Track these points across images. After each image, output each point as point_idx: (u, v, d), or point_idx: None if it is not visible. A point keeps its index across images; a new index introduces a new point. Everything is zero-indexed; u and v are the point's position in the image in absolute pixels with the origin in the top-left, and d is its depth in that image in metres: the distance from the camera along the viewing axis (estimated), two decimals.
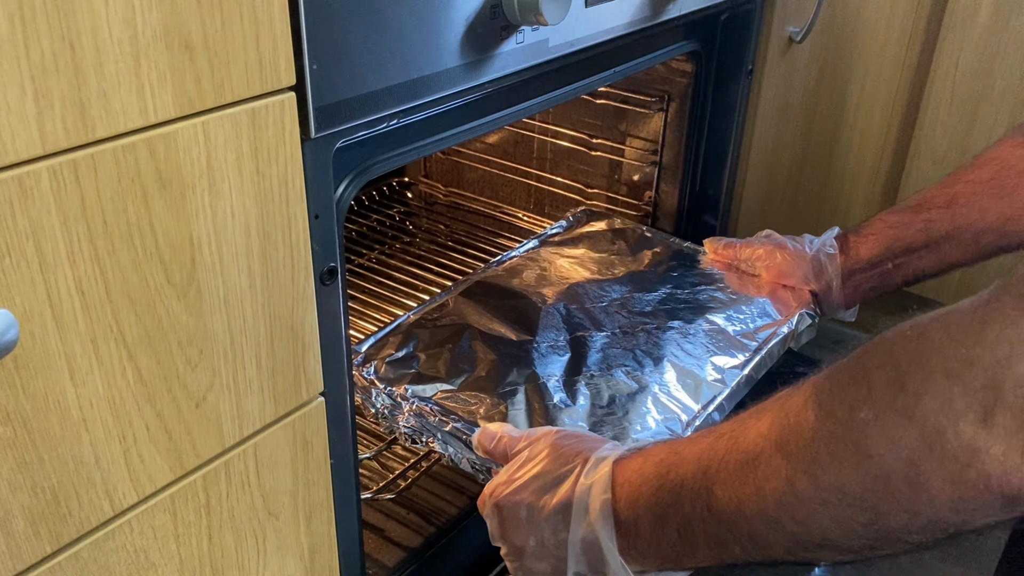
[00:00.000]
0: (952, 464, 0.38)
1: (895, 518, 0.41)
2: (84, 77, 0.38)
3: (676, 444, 0.55)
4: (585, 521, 0.55)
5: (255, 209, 0.47)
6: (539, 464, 0.60)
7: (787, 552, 0.47)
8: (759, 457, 0.47)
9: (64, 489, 0.44)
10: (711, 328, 0.85)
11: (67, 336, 0.41)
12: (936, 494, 0.39)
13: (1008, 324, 0.37)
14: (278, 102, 0.46)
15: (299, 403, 0.55)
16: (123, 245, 0.42)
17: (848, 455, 0.42)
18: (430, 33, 0.54)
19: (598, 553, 0.56)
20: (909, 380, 0.40)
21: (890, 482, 0.40)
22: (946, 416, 0.38)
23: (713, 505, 0.49)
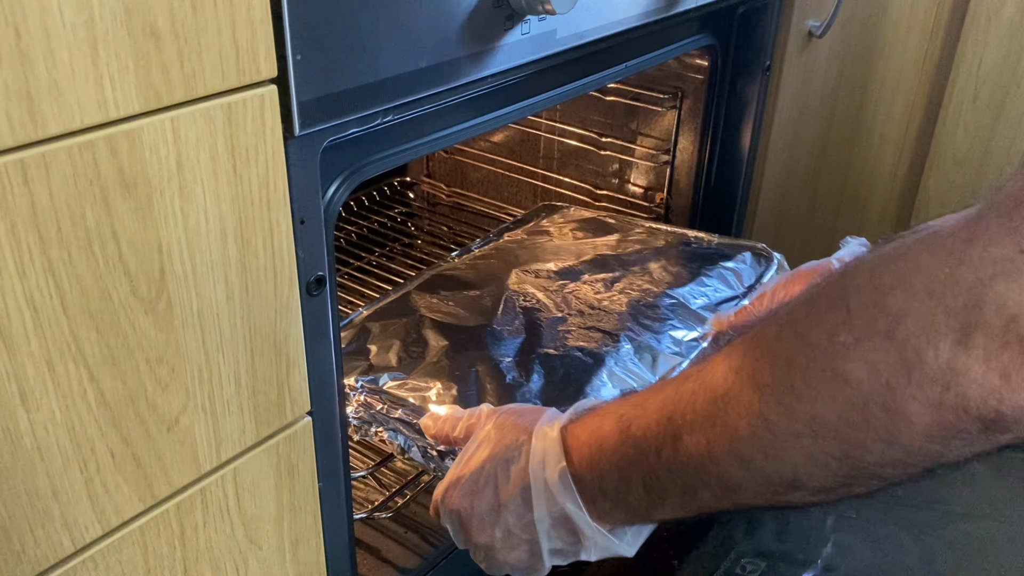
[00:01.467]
0: (931, 387, 0.37)
1: (871, 449, 0.40)
2: (32, 66, 0.34)
3: (636, 396, 0.52)
4: (547, 496, 0.53)
5: (232, 214, 0.43)
6: (485, 450, 0.57)
7: (757, 495, 0.45)
8: (729, 393, 0.44)
9: (17, 524, 0.40)
10: (672, 303, 0.83)
11: (17, 356, 0.37)
12: (914, 420, 0.38)
13: (992, 242, 0.36)
14: (257, 96, 0.42)
15: (283, 424, 0.51)
16: (81, 254, 0.38)
17: (825, 383, 0.40)
18: (428, 22, 0.49)
19: (568, 524, 0.53)
20: (890, 301, 0.38)
21: (867, 409, 0.39)
22: (927, 337, 0.37)
23: (681, 451, 0.47)
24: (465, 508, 0.56)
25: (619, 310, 0.82)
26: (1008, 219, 0.36)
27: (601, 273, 0.88)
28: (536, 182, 1.16)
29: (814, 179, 1.12)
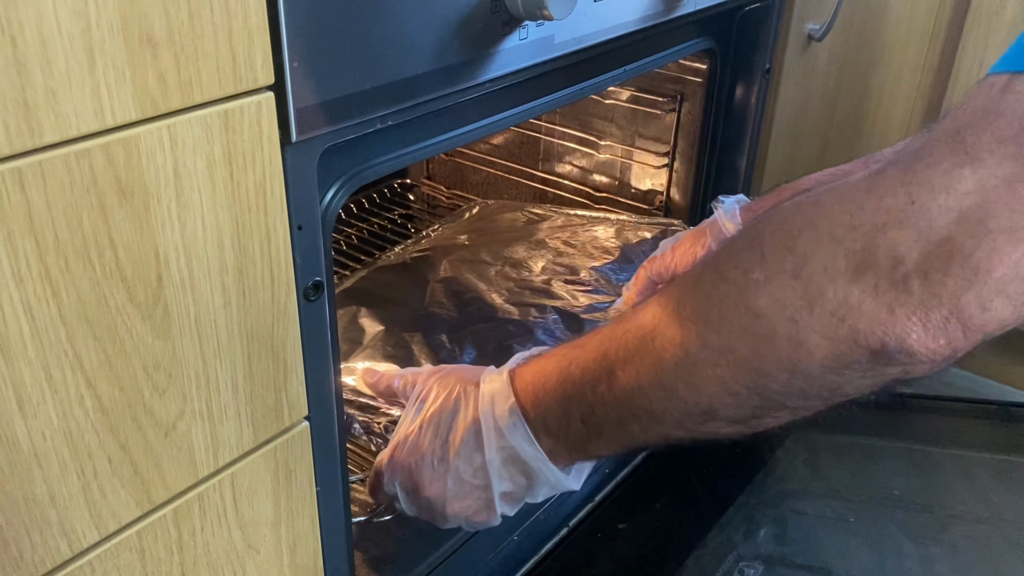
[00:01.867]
0: (828, 320, 0.41)
1: (776, 378, 0.44)
2: (29, 75, 0.34)
3: (579, 339, 0.55)
4: (497, 435, 0.55)
5: (229, 221, 0.43)
6: (431, 405, 0.59)
7: (679, 425, 0.49)
8: (656, 328, 0.48)
9: (14, 530, 0.40)
10: (598, 276, 0.89)
11: (14, 364, 0.37)
12: (813, 350, 0.42)
13: (888, 193, 0.40)
14: (254, 103, 0.42)
15: (280, 429, 0.51)
16: (78, 262, 0.38)
17: (737, 315, 0.44)
18: (425, 27, 0.49)
19: (518, 463, 0.56)
20: (799, 243, 0.42)
21: (774, 341, 0.43)
22: (827, 275, 0.41)
23: (614, 385, 0.50)
24: (414, 462, 0.58)
25: (547, 287, 0.88)
26: (903, 173, 0.40)
27: (531, 256, 0.95)
28: (535, 184, 1.16)
29: None
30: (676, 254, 0.76)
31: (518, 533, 0.86)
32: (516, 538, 0.86)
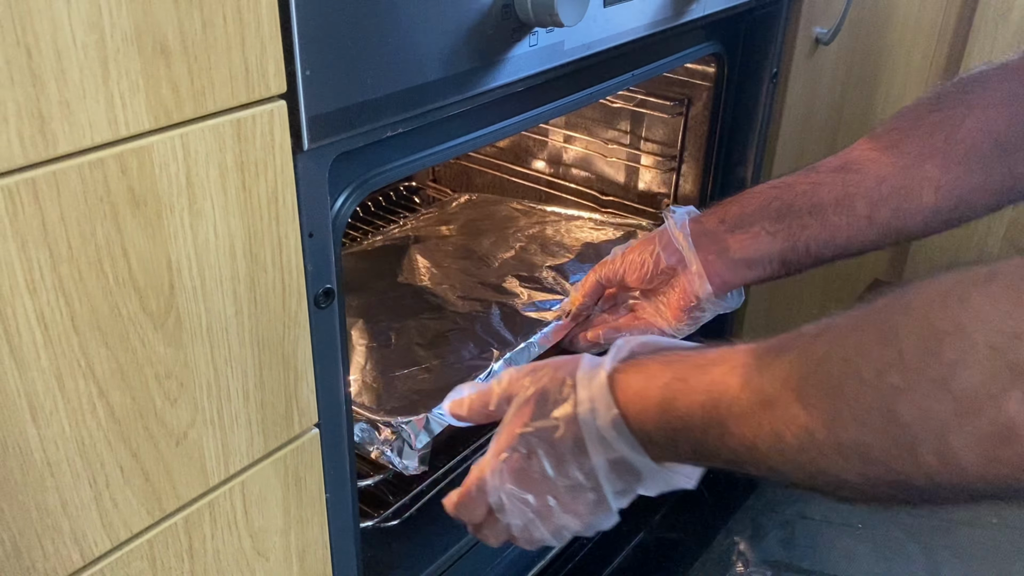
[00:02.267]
0: (987, 442, 0.36)
1: (919, 483, 0.39)
2: (43, 86, 0.34)
3: (680, 368, 0.51)
4: (601, 444, 0.52)
5: (241, 229, 0.43)
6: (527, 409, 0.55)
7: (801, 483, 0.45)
8: (776, 402, 0.44)
9: (26, 539, 0.40)
10: (554, 274, 0.91)
11: (27, 373, 0.37)
12: (967, 467, 0.37)
13: None
14: (267, 112, 0.42)
15: (291, 436, 0.51)
16: (91, 271, 0.38)
17: (873, 419, 0.39)
18: (436, 35, 0.49)
19: (625, 465, 0.52)
20: (946, 349, 0.37)
21: (917, 452, 0.38)
22: (986, 391, 0.35)
23: (727, 437, 0.47)
24: (521, 469, 0.54)
25: (499, 283, 0.91)
26: None
27: (495, 251, 0.98)
28: (541, 187, 1.16)
29: None
30: (625, 261, 0.74)
31: None
32: None
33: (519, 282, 0.91)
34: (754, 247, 0.67)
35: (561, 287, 0.90)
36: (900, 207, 0.63)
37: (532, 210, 1.09)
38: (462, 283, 0.92)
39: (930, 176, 0.62)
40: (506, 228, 1.04)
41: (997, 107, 0.61)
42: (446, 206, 1.13)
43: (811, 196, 0.66)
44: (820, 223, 0.65)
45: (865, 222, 0.64)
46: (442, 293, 0.90)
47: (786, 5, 0.88)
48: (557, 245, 0.99)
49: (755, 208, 0.68)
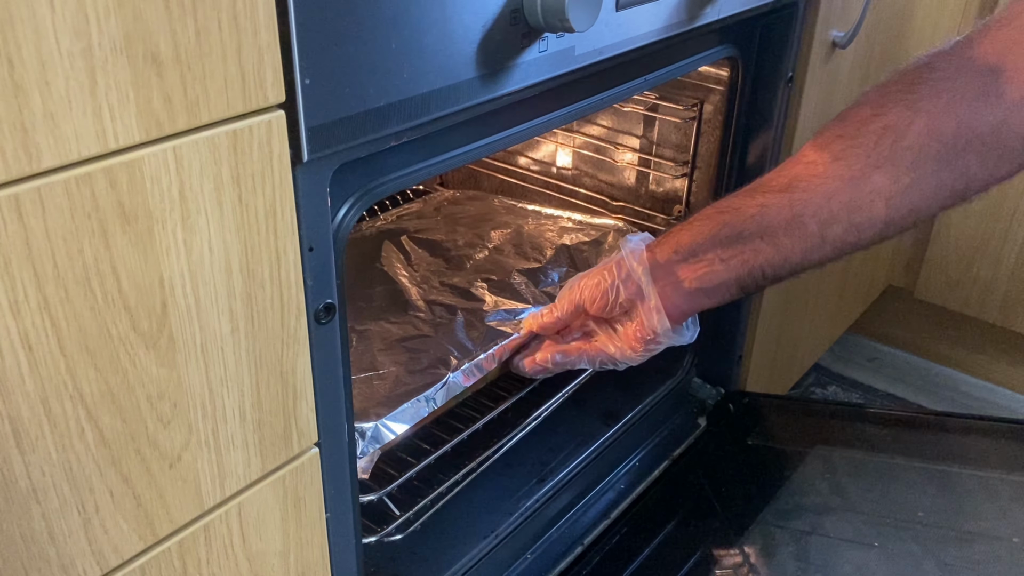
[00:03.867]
0: None
1: None
2: (26, 97, 0.32)
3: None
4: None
5: (237, 244, 0.41)
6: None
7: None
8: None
9: (12, 569, 0.38)
10: (523, 279, 0.92)
11: (11, 397, 0.35)
12: None
13: None
14: (264, 122, 0.40)
15: (289, 456, 0.49)
16: (79, 290, 0.36)
17: None
18: (442, 42, 0.47)
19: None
20: None
21: None
22: None
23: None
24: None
25: (467, 287, 0.91)
26: None
27: (469, 251, 0.98)
28: (551, 192, 1.14)
29: None
30: (583, 292, 0.74)
31: (532, 551, 0.84)
32: (529, 556, 0.84)
33: (487, 287, 0.90)
34: (710, 277, 0.68)
35: (532, 294, 0.89)
36: (852, 222, 0.62)
37: (513, 208, 1.08)
38: (430, 285, 0.91)
39: (879, 188, 0.60)
40: (484, 226, 1.04)
41: (944, 108, 0.59)
42: (429, 201, 1.13)
43: (760, 220, 0.65)
44: (773, 247, 0.65)
45: (817, 240, 0.63)
46: (409, 295, 0.89)
47: (802, 8, 0.85)
48: (532, 247, 0.98)
49: (706, 236, 0.67)
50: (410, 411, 0.71)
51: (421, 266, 0.95)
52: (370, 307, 0.87)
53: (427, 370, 0.76)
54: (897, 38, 1.07)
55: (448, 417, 0.85)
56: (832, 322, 1.28)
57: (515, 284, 0.91)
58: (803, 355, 1.24)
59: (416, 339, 0.81)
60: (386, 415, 0.69)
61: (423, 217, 1.07)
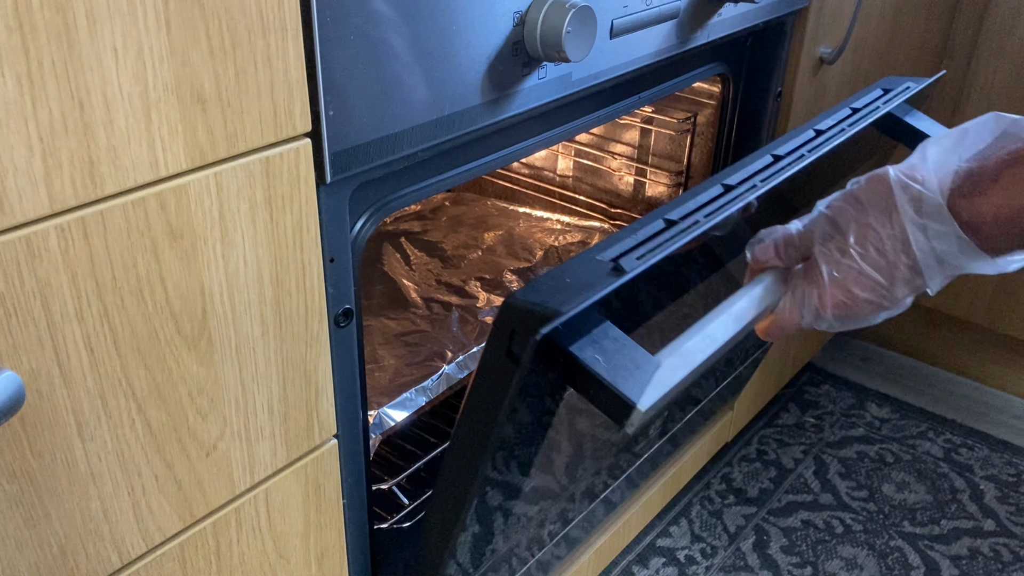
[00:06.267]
0: None
1: None
2: (93, 134, 0.37)
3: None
4: (941, 269, 0.54)
5: (268, 257, 0.47)
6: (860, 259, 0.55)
7: None
8: None
9: (71, 543, 0.43)
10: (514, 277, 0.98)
11: (75, 392, 0.41)
12: None
13: None
14: (293, 150, 0.45)
15: (311, 447, 0.54)
16: (132, 299, 0.41)
17: None
18: (451, 73, 0.53)
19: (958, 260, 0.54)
20: None
21: None
22: None
23: None
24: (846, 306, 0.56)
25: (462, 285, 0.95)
26: None
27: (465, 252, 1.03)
28: (553, 199, 1.19)
29: None
30: None
31: None
32: None
33: (481, 285, 0.96)
34: None
35: None
36: None
37: (505, 210, 1.15)
38: (428, 283, 0.97)
39: None
40: (478, 228, 1.10)
41: None
42: (427, 204, 1.19)
43: None
44: None
45: None
46: (408, 293, 0.95)
47: (790, 26, 0.90)
48: (523, 248, 1.04)
49: None
50: (409, 400, 0.77)
51: (419, 266, 1.01)
52: (371, 304, 0.93)
53: (424, 363, 0.82)
54: (884, 53, 1.11)
55: (452, 412, 0.90)
56: None
57: (507, 283, 0.97)
58: (795, 355, 1.29)
59: (414, 334, 0.87)
60: (387, 404, 0.75)
61: (422, 219, 1.13)
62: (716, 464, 1.26)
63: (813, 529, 1.15)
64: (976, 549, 1.13)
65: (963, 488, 1.23)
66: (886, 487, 1.23)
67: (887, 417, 1.37)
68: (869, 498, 1.21)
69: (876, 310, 0.57)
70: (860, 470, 1.26)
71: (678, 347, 0.49)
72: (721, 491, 1.22)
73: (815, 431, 1.33)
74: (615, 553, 1.02)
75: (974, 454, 1.30)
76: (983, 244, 0.54)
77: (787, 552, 1.12)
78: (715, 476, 1.24)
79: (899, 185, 0.54)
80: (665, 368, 0.46)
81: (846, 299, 0.56)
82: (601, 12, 0.61)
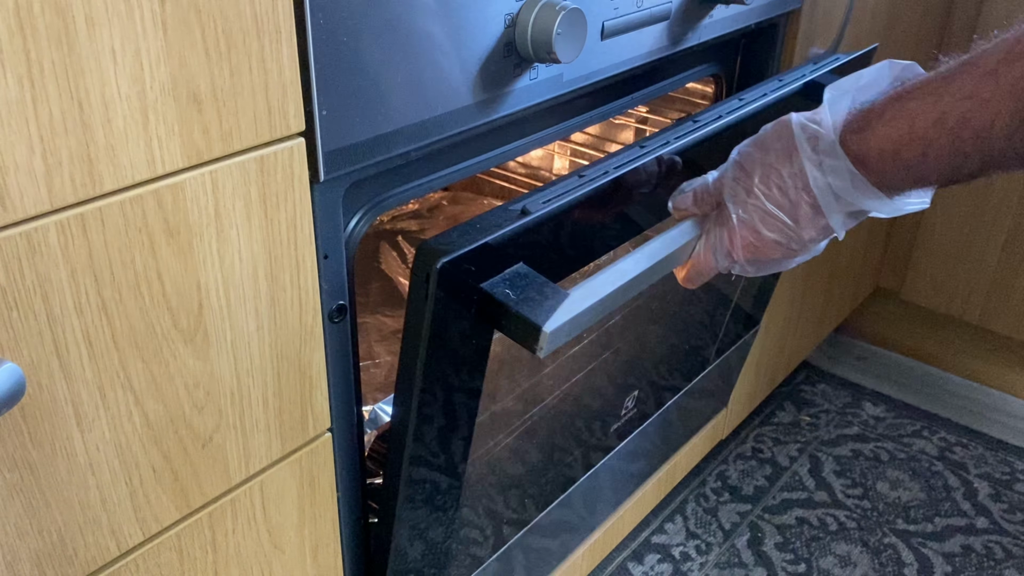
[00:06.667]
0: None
1: None
2: (92, 133, 0.38)
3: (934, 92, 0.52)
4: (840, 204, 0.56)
5: (263, 254, 0.48)
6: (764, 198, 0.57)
7: None
8: None
9: (70, 531, 0.44)
10: None
11: (74, 384, 0.42)
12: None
13: None
14: (287, 149, 0.47)
15: (306, 440, 0.56)
16: (130, 294, 0.42)
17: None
18: (443, 73, 0.54)
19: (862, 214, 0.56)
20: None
21: None
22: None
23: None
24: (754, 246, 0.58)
25: None
26: None
27: None
28: None
29: None
30: None
31: None
32: None
33: None
34: None
35: None
36: None
37: None
38: None
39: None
40: None
41: None
42: (424, 202, 1.20)
43: None
44: None
45: None
46: (404, 290, 0.96)
47: (783, 27, 0.91)
48: None
49: None
50: None
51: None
52: (368, 302, 0.94)
53: None
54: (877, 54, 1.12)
55: None
56: (819, 322, 1.34)
57: None
58: (789, 355, 1.30)
59: None
60: (382, 400, 0.76)
61: (419, 217, 1.14)
62: (712, 462, 1.27)
63: (807, 526, 1.16)
64: (969, 546, 1.14)
65: (957, 486, 1.24)
66: (880, 485, 1.24)
67: (882, 416, 1.38)
68: (863, 496, 1.22)
69: (786, 252, 0.59)
70: (855, 468, 1.27)
71: (589, 282, 0.54)
72: (716, 488, 1.23)
73: (811, 429, 1.34)
74: (609, 548, 1.03)
75: (968, 452, 1.31)
76: (875, 179, 0.55)
77: (781, 549, 1.13)
78: (711, 474, 1.25)
79: (799, 126, 0.57)
80: (573, 299, 0.51)
81: (754, 239, 0.58)
82: (592, 14, 0.62)
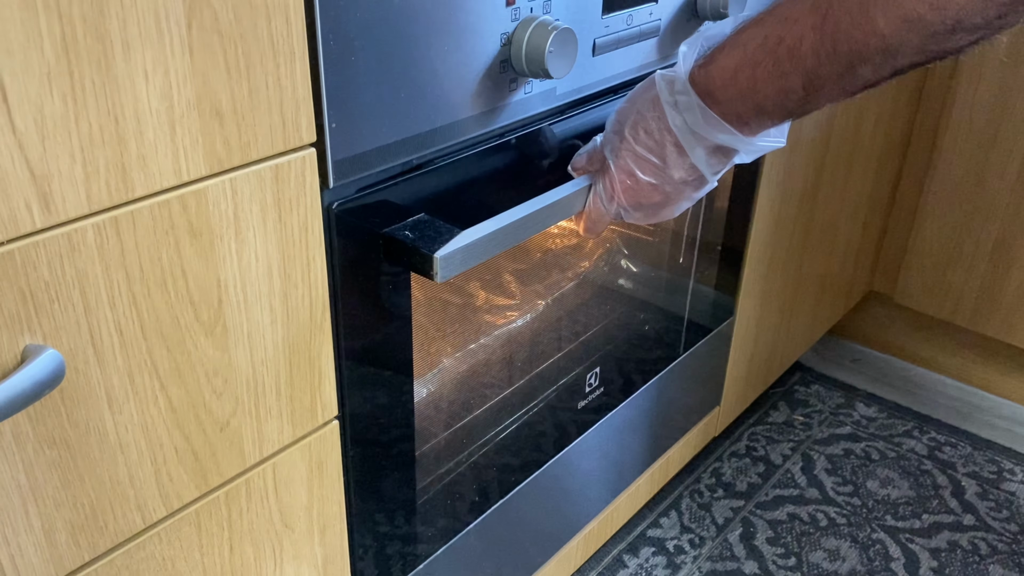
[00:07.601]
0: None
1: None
2: (126, 145, 0.43)
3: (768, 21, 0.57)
4: (697, 140, 0.61)
5: (277, 253, 0.52)
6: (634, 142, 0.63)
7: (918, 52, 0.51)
8: None
9: (101, 504, 0.49)
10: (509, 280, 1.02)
11: (107, 371, 0.46)
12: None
13: None
14: (299, 158, 0.51)
15: (315, 426, 0.60)
16: (157, 289, 0.47)
17: None
18: (444, 88, 0.58)
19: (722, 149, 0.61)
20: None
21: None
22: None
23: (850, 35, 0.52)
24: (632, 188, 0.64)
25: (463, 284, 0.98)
26: None
27: None
28: None
29: (808, 208, 1.19)
30: None
31: None
32: None
33: (480, 284, 1.01)
34: None
35: (520, 292, 1.00)
36: None
37: None
38: None
39: None
40: None
41: None
42: None
43: None
44: None
45: None
46: None
47: None
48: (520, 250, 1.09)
49: None
50: None
51: None
52: None
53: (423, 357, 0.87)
54: None
55: None
56: (812, 324, 1.38)
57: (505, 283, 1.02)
58: (782, 355, 1.34)
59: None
60: None
61: None
62: (706, 460, 1.31)
63: (798, 522, 1.20)
64: (955, 542, 1.17)
65: (945, 484, 1.28)
66: (870, 483, 1.28)
67: (874, 416, 1.42)
68: (854, 493, 1.25)
69: (663, 196, 0.65)
70: (846, 466, 1.31)
71: (485, 223, 0.61)
72: (711, 485, 1.27)
73: (804, 429, 1.38)
74: (603, 539, 1.07)
75: (957, 452, 1.34)
76: (723, 112, 0.60)
77: (772, 543, 1.16)
78: (705, 471, 1.29)
79: (660, 75, 0.63)
80: (465, 234, 0.59)
81: (632, 183, 0.65)
82: (583, 32, 0.67)
